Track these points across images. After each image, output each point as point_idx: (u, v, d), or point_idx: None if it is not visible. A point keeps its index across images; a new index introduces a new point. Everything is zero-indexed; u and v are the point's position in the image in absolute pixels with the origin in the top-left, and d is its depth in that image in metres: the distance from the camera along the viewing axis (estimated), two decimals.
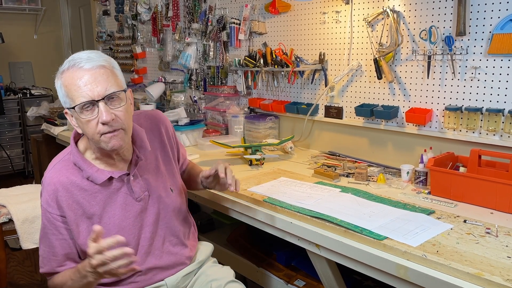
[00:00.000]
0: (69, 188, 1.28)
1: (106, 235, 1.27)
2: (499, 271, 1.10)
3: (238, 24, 2.82)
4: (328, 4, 2.29)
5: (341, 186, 1.79)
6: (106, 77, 1.20)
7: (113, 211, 1.32)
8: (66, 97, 1.21)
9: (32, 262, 3.07)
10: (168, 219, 1.44)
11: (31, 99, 4.99)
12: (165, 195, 1.43)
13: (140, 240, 1.37)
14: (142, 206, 1.37)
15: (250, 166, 2.16)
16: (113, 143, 1.22)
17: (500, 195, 1.51)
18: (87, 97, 1.17)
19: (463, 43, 1.79)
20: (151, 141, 1.44)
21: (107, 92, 1.19)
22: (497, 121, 1.71)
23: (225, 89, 2.97)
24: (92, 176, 1.29)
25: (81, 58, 1.20)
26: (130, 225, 1.34)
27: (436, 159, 1.70)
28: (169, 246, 1.44)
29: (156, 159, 1.45)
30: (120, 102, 1.23)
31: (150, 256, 1.39)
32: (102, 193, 1.31)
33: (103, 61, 1.22)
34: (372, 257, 1.28)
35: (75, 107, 1.19)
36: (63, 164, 1.32)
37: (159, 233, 1.42)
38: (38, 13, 5.44)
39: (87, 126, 1.21)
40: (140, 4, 3.72)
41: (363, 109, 2.14)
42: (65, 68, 1.21)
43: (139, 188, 1.36)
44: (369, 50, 2.13)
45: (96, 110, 1.19)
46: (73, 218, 1.28)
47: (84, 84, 1.17)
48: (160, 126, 1.50)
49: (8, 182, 4.30)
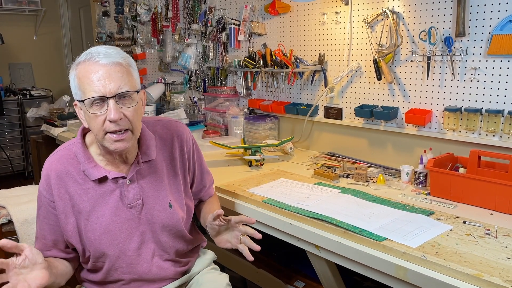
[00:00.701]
0: (63, 178, 1.26)
1: (91, 236, 1.28)
2: (499, 272, 1.10)
3: (237, 25, 2.83)
4: (327, 5, 2.29)
5: (341, 187, 1.79)
6: (120, 75, 1.17)
7: (102, 212, 1.28)
8: (78, 89, 1.19)
9: None
10: (159, 234, 1.34)
11: (31, 100, 4.99)
12: (160, 208, 1.34)
13: (126, 249, 1.31)
14: (132, 214, 1.31)
15: (249, 167, 2.16)
16: (117, 145, 1.20)
17: (499, 196, 1.51)
18: (98, 93, 1.15)
19: (462, 44, 1.79)
20: (159, 151, 1.37)
21: (119, 90, 1.16)
22: (497, 122, 1.71)
23: (225, 90, 2.97)
24: (87, 171, 1.26)
25: (99, 53, 1.18)
26: (117, 230, 1.29)
27: (435, 160, 1.70)
28: (159, 260, 1.36)
29: (161, 170, 1.37)
30: (131, 102, 1.20)
31: (136, 267, 1.32)
32: (95, 190, 1.28)
33: (121, 58, 1.20)
34: (372, 258, 1.28)
35: (85, 101, 1.17)
36: (66, 152, 1.30)
37: (149, 245, 1.34)
38: (38, 14, 5.45)
39: (94, 121, 1.18)
40: (140, 5, 3.72)
41: (363, 110, 2.14)
42: (81, 60, 1.19)
43: (132, 194, 1.30)
44: (369, 51, 2.13)
45: (106, 107, 1.16)
46: (62, 207, 1.27)
47: (97, 79, 1.15)
48: (174, 138, 1.41)
49: (8, 183, 4.30)
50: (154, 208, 1.33)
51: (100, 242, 1.28)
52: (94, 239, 1.28)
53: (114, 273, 1.33)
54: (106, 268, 1.32)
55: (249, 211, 1.68)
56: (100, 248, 1.28)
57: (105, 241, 1.28)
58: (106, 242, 1.28)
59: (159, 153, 1.37)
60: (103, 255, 1.30)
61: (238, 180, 1.90)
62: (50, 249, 1.32)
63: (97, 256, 1.30)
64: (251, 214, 1.67)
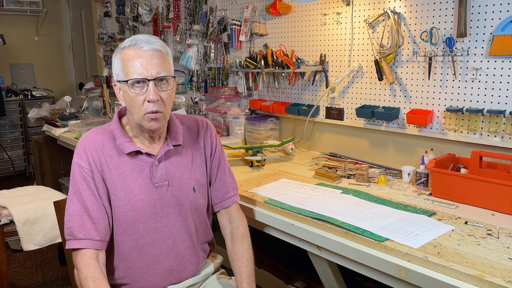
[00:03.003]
0: (98, 150, 1.35)
1: (119, 211, 1.33)
2: (501, 272, 1.10)
3: (239, 26, 2.83)
4: (328, 6, 2.29)
5: (342, 187, 1.79)
6: (160, 61, 1.30)
7: (130, 189, 1.35)
8: (121, 71, 1.31)
9: (33, 264, 3.07)
10: (183, 215, 1.41)
11: (32, 101, 5.00)
12: (185, 191, 1.42)
13: (150, 229, 1.36)
14: (158, 194, 1.38)
15: (251, 167, 2.16)
16: (152, 123, 1.31)
17: (501, 197, 1.50)
18: (141, 75, 1.27)
19: (464, 44, 1.79)
20: (186, 139, 1.47)
21: (158, 74, 1.29)
22: (498, 122, 1.71)
23: (226, 90, 2.98)
24: (122, 144, 1.36)
25: (142, 40, 1.30)
26: (143, 208, 1.35)
27: (437, 161, 1.70)
28: (180, 244, 1.41)
29: (186, 156, 1.46)
30: (167, 86, 1.32)
31: (157, 248, 1.38)
32: (126, 166, 1.36)
33: (160, 46, 1.32)
34: (373, 258, 1.28)
35: (128, 81, 1.28)
36: (101, 130, 1.41)
37: (172, 229, 1.40)
38: (39, 14, 5.45)
39: (133, 101, 1.30)
40: (141, 5, 3.72)
41: (364, 111, 2.14)
42: (126, 45, 1.32)
43: (160, 174, 1.39)
44: (370, 52, 2.13)
45: (146, 88, 1.28)
46: (98, 177, 1.34)
47: (140, 63, 1.28)
48: (199, 129, 1.51)
49: (9, 183, 4.31)
50: (180, 191, 1.41)
51: (126, 218, 1.34)
52: (121, 215, 1.34)
53: (132, 255, 1.36)
54: (126, 248, 1.35)
55: (251, 212, 1.68)
56: (126, 224, 1.34)
57: (132, 217, 1.34)
58: (132, 219, 1.34)
59: (186, 141, 1.47)
60: (126, 232, 1.35)
61: (239, 181, 1.90)
62: (96, 223, 1.29)
63: (119, 233, 1.35)
64: (253, 214, 1.68)
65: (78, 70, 5.89)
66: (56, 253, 3.08)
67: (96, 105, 3.99)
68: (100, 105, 3.98)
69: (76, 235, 1.28)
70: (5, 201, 2.45)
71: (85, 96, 4.09)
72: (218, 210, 1.54)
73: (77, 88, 5.58)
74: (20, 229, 2.33)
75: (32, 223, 2.36)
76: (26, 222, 2.35)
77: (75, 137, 3.11)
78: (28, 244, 2.34)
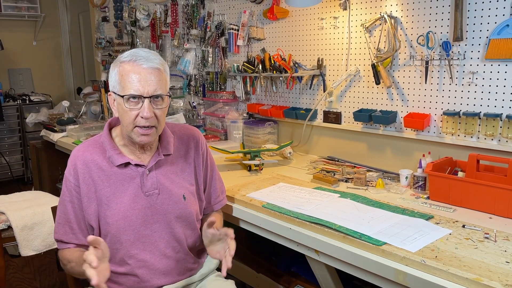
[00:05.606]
0: (88, 164, 1.39)
1: (110, 220, 1.37)
2: (498, 276, 1.10)
3: (236, 30, 2.83)
4: (326, 10, 2.30)
5: (340, 191, 1.80)
6: (158, 79, 1.33)
7: (121, 198, 1.38)
8: (118, 84, 1.34)
9: (31, 269, 3.07)
10: (173, 224, 1.44)
11: (30, 106, 5.00)
12: (175, 199, 1.45)
13: (141, 236, 1.40)
14: (149, 202, 1.41)
15: (249, 171, 2.16)
16: (142, 138, 1.35)
17: (498, 200, 1.51)
18: (137, 91, 1.30)
19: (460, 48, 1.79)
20: (177, 148, 1.51)
21: (155, 92, 1.32)
22: (495, 126, 1.72)
23: (224, 94, 2.98)
24: (112, 156, 1.39)
25: (142, 56, 1.33)
26: (134, 216, 1.39)
27: (434, 164, 1.70)
28: (171, 251, 1.44)
29: (177, 165, 1.50)
30: (161, 104, 1.35)
31: (149, 254, 1.41)
32: (117, 177, 1.39)
33: (159, 64, 1.35)
34: (371, 262, 1.28)
35: (124, 96, 1.31)
36: (92, 142, 1.44)
37: (163, 235, 1.43)
38: (37, 19, 5.46)
39: (126, 115, 1.32)
40: (139, 10, 3.73)
41: (362, 114, 2.14)
42: (126, 60, 1.33)
43: (150, 183, 1.41)
44: (367, 56, 2.14)
45: (141, 104, 1.31)
46: (85, 191, 1.38)
47: (138, 80, 1.30)
48: (190, 139, 1.55)
49: (7, 188, 4.29)
50: (169, 198, 1.44)
51: (117, 226, 1.37)
52: (112, 223, 1.37)
53: (128, 261, 1.39)
54: (120, 255, 1.39)
55: (249, 216, 1.68)
56: (117, 232, 1.37)
57: (123, 225, 1.38)
58: (123, 227, 1.37)
59: (176, 150, 1.51)
60: (118, 240, 1.38)
61: (237, 185, 1.91)
62: (75, 232, 1.39)
63: (113, 241, 1.38)
64: (251, 219, 1.68)
65: (76, 75, 5.90)
66: (54, 258, 3.07)
67: (94, 110, 3.99)
68: (98, 110, 3.98)
69: (62, 240, 1.41)
70: (3, 206, 2.44)
71: (83, 101, 4.09)
72: (208, 212, 1.62)
73: (75, 93, 5.59)
74: (18, 235, 2.32)
75: (30, 229, 2.36)
76: (24, 228, 2.34)
77: (73, 142, 3.11)
78: (26, 250, 2.34)
